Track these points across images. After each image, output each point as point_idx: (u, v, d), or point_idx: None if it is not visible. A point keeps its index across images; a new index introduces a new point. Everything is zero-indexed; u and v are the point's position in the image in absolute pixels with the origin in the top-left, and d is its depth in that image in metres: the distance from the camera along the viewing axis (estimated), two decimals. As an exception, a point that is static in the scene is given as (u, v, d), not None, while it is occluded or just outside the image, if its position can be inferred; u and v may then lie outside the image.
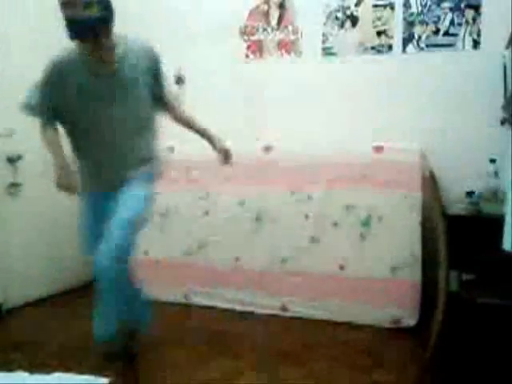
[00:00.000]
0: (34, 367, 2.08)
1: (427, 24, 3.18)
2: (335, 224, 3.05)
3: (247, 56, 3.60)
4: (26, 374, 1.82)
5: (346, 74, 3.36)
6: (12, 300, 3.19)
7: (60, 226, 3.55)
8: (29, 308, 3.25)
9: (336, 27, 3.38)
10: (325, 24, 3.40)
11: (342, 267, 3.04)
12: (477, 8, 3.08)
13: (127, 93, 2.18)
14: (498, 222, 2.30)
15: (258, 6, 3.55)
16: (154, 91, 2.30)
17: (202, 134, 2.49)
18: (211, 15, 3.60)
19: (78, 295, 3.58)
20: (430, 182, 2.58)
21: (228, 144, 2.52)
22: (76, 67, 2.11)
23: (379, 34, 3.29)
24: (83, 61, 2.11)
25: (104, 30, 2.03)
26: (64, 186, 2.20)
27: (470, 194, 2.77)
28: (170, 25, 3.69)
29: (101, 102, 2.15)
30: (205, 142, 2.52)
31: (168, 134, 3.57)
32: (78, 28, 1.96)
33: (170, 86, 2.47)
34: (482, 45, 3.07)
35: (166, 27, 3.70)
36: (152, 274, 3.43)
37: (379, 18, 3.28)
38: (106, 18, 2.00)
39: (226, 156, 2.50)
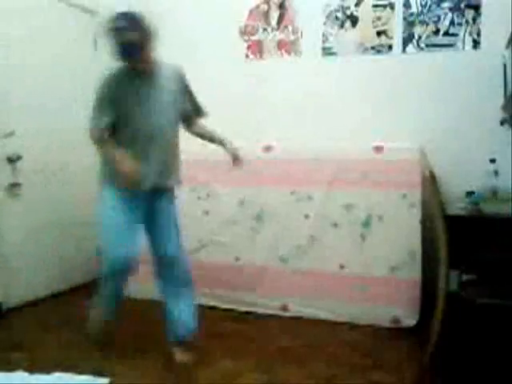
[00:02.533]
0: (34, 367, 2.08)
1: (427, 24, 3.18)
2: (335, 224, 3.05)
3: (247, 56, 3.60)
4: (25, 374, 1.83)
5: (346, 74, 3.36)
6: (12, 299, 3.19)
7: (60, 225, 3.55)
8: (29, 308, 3.25)
9: (336, 27, 3.38)
10: (325, 24, 3.40)
11: (341, 267, 3.04)
12: (477, 8, 3.08)
13: (159, 101, 2.42)
14: (498, 222, 2.31)
15: (257, 6, 3.55)
16: (182, 107, 2.54)
17: (215, 141, 2.72)
18: (211, 15, 3.60)
19: (77, 295, 3.59)
20: (430, 182, 2.58)
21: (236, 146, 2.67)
22: (122, 79, 2.39)
23: (379, 34, 3.29)
24: (127, 73, 2.39)
25: (143, 51, 2.30)
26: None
27: (469, 193, 2.77)
28: (169, 25, 3.69)
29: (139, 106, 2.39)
30: (204, 143, 2.67)
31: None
32: (124, 52, 2.28)
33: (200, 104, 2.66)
34: (481, 45, 3.07)
35: (166, 27, 3.69)
36: (152, 274, 3.44)
37: (379, 18, 3.28)
38: (143, 41, 2.28)
39: (235, 158, 2.65)
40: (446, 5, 3.15)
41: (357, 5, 3.32)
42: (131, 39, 2.23)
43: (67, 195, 3.58)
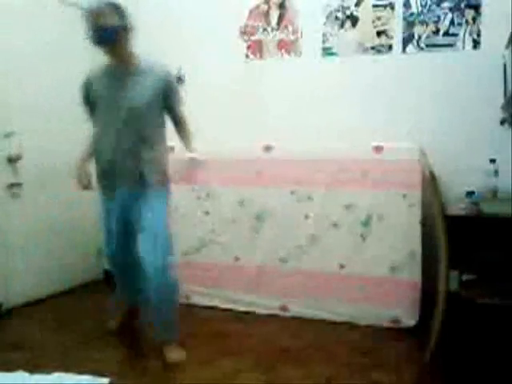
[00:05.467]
0: (34, 367, 2.08)
1: (427, 24, 3.18)
2: (335, 224, 3.05)
3: (247, 56, 3.60)
4: (26, 374, 1.82)
5: (345, 74, 3.36)
6: (12, 300, 3.19)
7: (60, 225, 3.55)
8: (29, 308, 3.25)
9: (336, 27, 3.38)
10: (325, 24, 3.40)
11: (341, 267, 3.04)
12: (477, 8, 3.08)
13: (135, 102, 2.38)
14: (497, 222, 2.31)
15: (258, 6, 3.55)
16: (164, 108, 2.50)
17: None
18: (211, 15, 3.60)
19: (77, 295, 3.59)
20: (430, 182, 2.58)
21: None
22: (101, 75, 2.46)
23: (379, 34, 3.29)
24: (107, 69, 2.44)
25: (119, 38, 2.31)
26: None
27: (469, 193, 2.77)
28: (169, 25, 3.69)
29: (114, 103, 2.40)
30: (204, 142, 2.68)
31: (168, 134, 3.61)
32: (98, 36, 2.27)
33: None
34: (481, 45, 3.07)
35: (166, 27, 3.70)
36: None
37: (379, 18, 3.28)
38: (120, 28, 2.28)
39: (191, 164, 2.60)
40: (445, 5, 3.15)
41: (357, 5, 3.32)
42: (106, 23, 2.22)
43: (67, 195, 3.57)
